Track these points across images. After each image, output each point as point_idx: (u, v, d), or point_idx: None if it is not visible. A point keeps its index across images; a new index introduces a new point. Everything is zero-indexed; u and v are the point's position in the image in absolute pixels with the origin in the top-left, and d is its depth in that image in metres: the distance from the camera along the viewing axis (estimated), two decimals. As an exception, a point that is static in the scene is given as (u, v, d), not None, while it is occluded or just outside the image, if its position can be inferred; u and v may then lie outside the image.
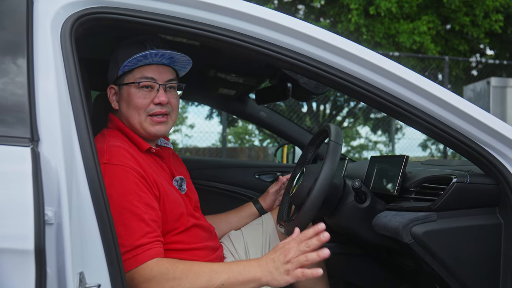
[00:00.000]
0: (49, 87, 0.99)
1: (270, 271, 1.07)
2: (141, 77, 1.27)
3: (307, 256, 1.05)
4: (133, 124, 1.30)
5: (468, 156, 1.22)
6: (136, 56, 1.23)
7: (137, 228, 1.12)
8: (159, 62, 1.29)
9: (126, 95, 1.29)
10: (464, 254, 1.22)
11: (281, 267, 1.06)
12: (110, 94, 1.33)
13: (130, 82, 1.28)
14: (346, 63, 1.16)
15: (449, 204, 1.22)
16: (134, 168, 1.18)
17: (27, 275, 0.84)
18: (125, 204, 1.13)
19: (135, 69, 1.28)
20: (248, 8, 1.12)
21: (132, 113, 1.29)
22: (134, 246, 1.11)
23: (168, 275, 1.10)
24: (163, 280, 1.10)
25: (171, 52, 1.26)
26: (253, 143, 13.58)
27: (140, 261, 1.10)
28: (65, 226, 0.92)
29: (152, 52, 1.25)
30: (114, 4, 1.09)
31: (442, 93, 1.17)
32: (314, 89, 1.87)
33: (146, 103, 1.28)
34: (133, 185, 1.15)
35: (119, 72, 1.28)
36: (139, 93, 1.27)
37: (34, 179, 0.88)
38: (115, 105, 1.33)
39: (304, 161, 1.60)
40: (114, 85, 1.32)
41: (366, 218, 1.42)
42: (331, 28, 8.68)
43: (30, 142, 0.92)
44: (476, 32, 8.58)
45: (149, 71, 1.28)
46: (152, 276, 1.10)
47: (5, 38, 0.99)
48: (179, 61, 1.31)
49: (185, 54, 1.29)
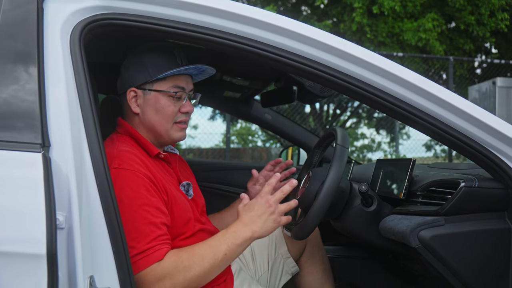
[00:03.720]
0: (59, 93, 1.00)
1: (259, 227, 1.18)
2: (174, 86, 1.30)
3: (282, 190, 1.20)
4: (158, 130, 1.31)
5: (475, 160, 1.22)
6: (179, 69, 1.28)
7: (148, 231, 1.13)
8: (189, 73, 1.34)
9: (154, 101, 1.29)
10: (472, 259, 1.22)
11: (268, 219, 1.19)
12: (129, 97, 1.31)
13: (163, 90, 1.29)
14: (350, 66, 1.16)
15: (457, 209, 1.22)
16: (144, 173, 1.19)
17: (39, 279, 0.86)
18: (136, 208, 1.14)
19: (168, 78, 1.30)
20: (254, 13, 1.13)
21: (159, 120, 1.30)
22: (144, 248, 1.11)
23: (178, 267, 1.12)
24: (175, 273, 1.11)
25: (206, 67, 1.31)
26: (256, 143, 13.59)
27: (151, 261, 1.11)
28: (75, 230, 0.93)
29: (191, 67, 1.29)
30: (122, 10, 1.10)
31: (447, 96, 1.17)
32: (320, 92, 1.88)
33: (175, 111, 1.31)
34: (144, 190, 1.16)
35: (150, 78, 1.28)
36: (170, 102, 1.30)
37: (46, 184, 0.89)
38: (136, 109, 1.31)
39: (310, 164, 1.61)
40: (137, 88, 1.31)
41: (373, 221, 1.42)
42: (333, 28, 8.67)
43: (41, 147, 0.93)
44: (481, 31, 8.54)
45: (181, 81, 1.31)
46: (166, 273, 1.11)
47: (17, 45, 1.00)
48: (204, 72, 1.36)
49: (197, 63, 1.31)
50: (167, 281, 1.11)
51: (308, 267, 1.67)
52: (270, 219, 1.18)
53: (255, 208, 1.19)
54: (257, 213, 1.18)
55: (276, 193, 1.20)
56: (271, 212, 1.18)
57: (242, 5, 1.13)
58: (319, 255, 1.68)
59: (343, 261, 1.85)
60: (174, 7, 1.10)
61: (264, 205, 1.18)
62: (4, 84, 0.97)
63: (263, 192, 1.20)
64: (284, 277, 1.61)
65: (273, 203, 1.18)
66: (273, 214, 1.19)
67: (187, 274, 1.12)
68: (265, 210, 1.18)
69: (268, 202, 1.18)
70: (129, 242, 1.07)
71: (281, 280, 1.60)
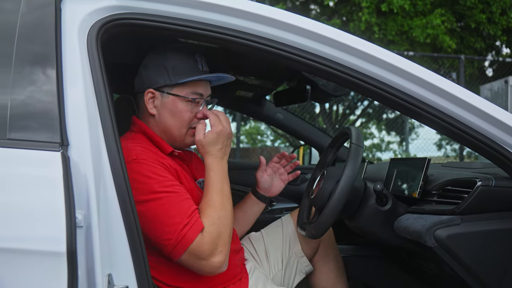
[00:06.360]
0: (77, 93, 1.01)
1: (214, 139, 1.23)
2: (194, 93, 1.29)
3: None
4: (173, 134, 1.31)
5: (492, 159, 1.21)
6: (201, 77, 1.28)
7: (187, 205, 1.15)
8: (209, 79, 1.33)
9: (171, 104, 1.29)
10: (488, 258, 1.21)
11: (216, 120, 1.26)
12: (147, 98, 1.31)
13: (182, 96, 1.29)
14: (364, 64, 1.16)
15: (473, 208, 1.21)
16: (161, 163, 1.21)
17: (59, 277, 0.86)
18: (169, 188, 1.16)
19: (188, 82, 1.29)
20: (268, 12, 1.13)
21: (175, 124, 1.30)
22: (186, 222, 1.12)
23: (215, 222, 1.14)
24: (217, 226, 1.14)
25: (226, 75, 1.31)
26: (265, 143, 13.58)
27: (197, 230, 1.12)
28: (94, 228, 0.94)
29: (213, 75, 1.29)
30: (138, 10, 1.10)
31: (462, 93, 1.16)
32: (333, 91, 1.87)
33: (191, 117, 1.30)
34: (167, 173, 1.19)
35: (170, 82, 1.28)
36: (187, 107, 1.29)
37: (65, 183, 0.90)
38: (152, 110, 1.31)
39: (324, 163, 1.60)
40: (155, 90, 1.30)
41: (387, 221, 1.41)
42: (343, 27, 8.63)
43: (60, 146, 0.94)
44: (492, 30, 8.45)
45: (200, 87, 1.31)
46: (214, 235, 1.13)
47: (35, 46, 1.01)
48: (222, 79, 1.35)
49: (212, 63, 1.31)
50: (218, 238, 1.13)
51: (322, 266, 1.66)
52: (217, 121, 1.26)
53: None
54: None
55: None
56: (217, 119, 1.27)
57: (258, 5, 1.13)
58: (333, 254, 1.68)
59: (356, 260, 1.85)
60: (191, 6, 1.10)
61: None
62: (23, 84, 0.99)
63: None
64: (298, 276, 1.61)
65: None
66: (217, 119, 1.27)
67: (224, 222, 1.15)
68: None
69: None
70: (173, 219, 1.11)
71: (295, 279, 1.60)
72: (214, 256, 1.12)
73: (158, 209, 1.13)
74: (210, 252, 1.12)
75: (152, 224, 1.12)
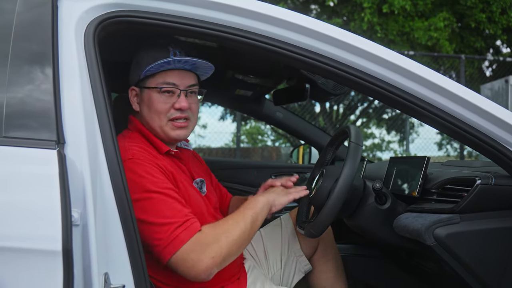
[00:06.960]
0: (74, 91, 1.01)
1: (274, 197, 1.33)
2: (163, 83, 1.28)
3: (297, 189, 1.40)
4: (154, 127, 1.31)
5: (491, 157, 1.20)
6: (159, 62, 1.24)
7: (180, 207, 1.15)
8: (182, 68, 1.29)
9: (147, 98, 1.30)
10: (488, 257, 1.20)
11: (280, 193, 1.36)
12: (131, 95, 1.34)
13: (152, 87, 1.29)
14: (364, 62, 1.15)
15: (473, 206, 1.21)
16: (156, 164, 1.20)
17: (55, 276, 0.86)
18: (162, 189, 1.15)
19: (157, 74, 1.28)
20: (267, 10, 1.12)
21: (153, 116, 1.30)
22: (184, 220, 1.12)
23: (218, 232, 1.15)
24: (218, 236, 1.14)
25: (194, 59, 1.27)
26: (265, 143, 13.59)
27: (194, 230, 1.12)
28: (90, 227, 0.93)
29: (176, 59, 1.26)
30: (135, 8, 1.10)
31: (463, 91, 1.16)
32: (332, 90, 1.86)
33: (167, 108, 1.29)
34: (162, 176, 1.19)
35: (141, 75, 1.29)
36: (160, 98, 1.28)
37: (61, 181, 0.89)
38: (136, 106, 1.34)
39: (323, 162, 1.60)
40: (135, 87, 1.33)
41: (387, 219, 1.41)
42: (343, 27, 8.61)
43: (56, 144, 0.93)
44: (492, 29, 8.45)
45: (171, 76, 1.28)
46: (210, 238, 1.13)
47: (32, 44, 1.01)
48: (202, 66, 1.32)
49: (206, 60, 1.29)
50: (214, 245, 1.12)
51: (321, 265, 1.66)
52: (281, 193, 1.36)
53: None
54: (270, 191, 1.37)
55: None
56: (282, 192, 1.37)
57: (257, 2, 1.12)
58: (332, 253, 1.67)
59: (356, 259, 1.84)
60: (188, 4, 1.09)
61: (276, 189, 1.39)
62: (19, 82, 0.98)
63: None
64: (297, 275, 1.60)
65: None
66: (283, 192, 1.37)
67: (228, 235, 1.15)
68: (277, 191, 1.38)
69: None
70: (166, 219, 1.10)
71: (294, 278, 1.60)
72: (202, 262, 1.10)
73: (151, 208, 1.12)
74: (198, 258, 1.10)
75: (144, 223, 1.12)
